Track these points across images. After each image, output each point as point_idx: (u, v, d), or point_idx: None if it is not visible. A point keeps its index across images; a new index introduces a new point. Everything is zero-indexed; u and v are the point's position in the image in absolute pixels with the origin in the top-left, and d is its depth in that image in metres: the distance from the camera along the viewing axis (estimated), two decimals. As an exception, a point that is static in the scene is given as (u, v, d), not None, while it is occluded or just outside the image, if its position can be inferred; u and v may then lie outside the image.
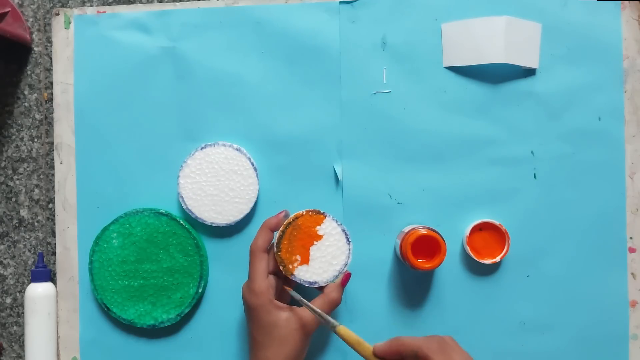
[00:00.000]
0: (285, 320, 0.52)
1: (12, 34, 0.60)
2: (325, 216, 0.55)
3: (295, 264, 0.54)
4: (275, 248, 0.55)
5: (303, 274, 0.55)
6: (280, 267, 0.54)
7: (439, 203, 0.61)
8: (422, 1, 0.61)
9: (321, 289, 0.55)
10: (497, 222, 0.58)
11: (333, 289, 0.54)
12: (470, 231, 0.58)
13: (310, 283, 0.55)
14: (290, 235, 0.55)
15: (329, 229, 0.55)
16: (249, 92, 0.62)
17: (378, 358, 0.46)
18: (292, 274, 0.54)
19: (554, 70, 0.61)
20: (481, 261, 0.58)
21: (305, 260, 0.55)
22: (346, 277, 0.55)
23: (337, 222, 0.56)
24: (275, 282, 0.55)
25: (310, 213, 0.55)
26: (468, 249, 0.58)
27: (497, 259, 0.58)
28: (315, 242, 0.55)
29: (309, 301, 0.52)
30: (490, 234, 0.59)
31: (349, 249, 0.56)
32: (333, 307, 0.54)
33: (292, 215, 0.55)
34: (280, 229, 0.55)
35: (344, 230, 0.56)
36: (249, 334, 0.54)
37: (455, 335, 0.60)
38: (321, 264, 0.55)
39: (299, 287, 0.58)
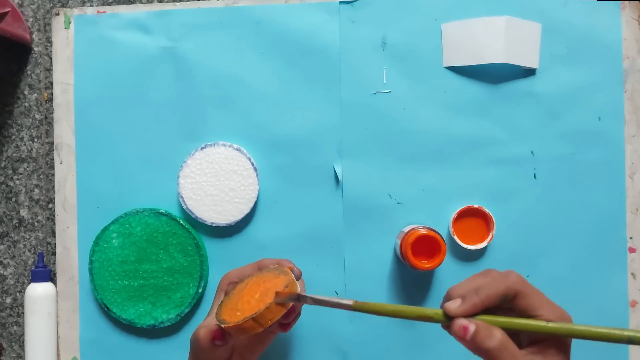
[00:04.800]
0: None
1: (12, 34, 0.60)
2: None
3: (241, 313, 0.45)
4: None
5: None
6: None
7: (439, 203, 0.61)
8: (422, 1, 0.61)
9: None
10: (482, 207, 0.59)
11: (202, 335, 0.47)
12: (456, 218, 0.59)
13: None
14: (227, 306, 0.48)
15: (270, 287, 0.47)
16: (249, 92, 0.62)
17: (451, 319, 0.38)
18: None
19: (554, 70, 0.61)
20: (467, 247, 0.58)
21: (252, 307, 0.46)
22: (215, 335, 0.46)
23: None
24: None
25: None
26: (453, 233, 0.59)
27: (484, 243, 0.58)
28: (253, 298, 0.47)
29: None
30: (477, 221, 0.59)
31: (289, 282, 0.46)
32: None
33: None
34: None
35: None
36: None
37: (455, 335, 0.60)
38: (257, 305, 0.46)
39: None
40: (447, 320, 0.39)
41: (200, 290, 0.60)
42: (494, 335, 0.36)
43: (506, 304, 0.39)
